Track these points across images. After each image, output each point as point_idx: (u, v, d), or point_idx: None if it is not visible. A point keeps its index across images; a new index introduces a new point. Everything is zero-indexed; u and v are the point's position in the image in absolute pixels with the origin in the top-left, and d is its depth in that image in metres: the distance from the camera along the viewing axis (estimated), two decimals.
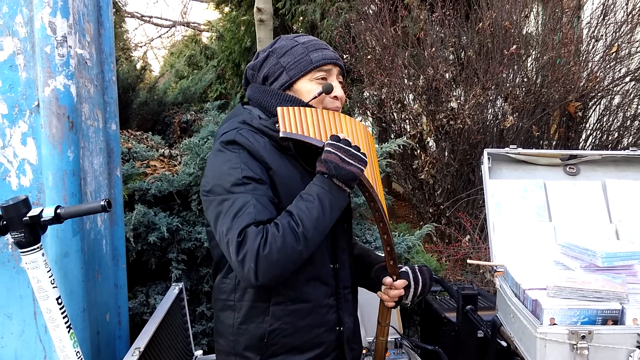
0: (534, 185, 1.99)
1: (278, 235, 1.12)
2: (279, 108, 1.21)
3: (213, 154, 1.27)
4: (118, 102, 1.72)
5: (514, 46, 4.17)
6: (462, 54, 4.67)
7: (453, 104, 4.29)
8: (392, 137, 4.90)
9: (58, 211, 1.24)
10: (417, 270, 1.42)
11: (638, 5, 4.16)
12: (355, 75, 5.26)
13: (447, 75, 4.54)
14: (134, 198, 2.41)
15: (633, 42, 4.24)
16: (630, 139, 4.47)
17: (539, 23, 4.62)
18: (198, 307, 2.49)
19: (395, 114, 4.92)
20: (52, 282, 1.28)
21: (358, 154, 1.20)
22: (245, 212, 1.15)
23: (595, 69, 4.28)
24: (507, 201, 1.96)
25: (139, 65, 5.84)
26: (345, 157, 1.18)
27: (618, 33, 4.20)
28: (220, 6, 7.78)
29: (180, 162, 2.93)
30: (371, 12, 4.98)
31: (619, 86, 4.37)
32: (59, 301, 1.29)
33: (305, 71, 1.30)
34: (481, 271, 3.77)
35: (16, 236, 1.24)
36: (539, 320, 1.35)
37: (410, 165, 4.89)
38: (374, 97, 5.11)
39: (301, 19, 6.17)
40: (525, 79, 4.47)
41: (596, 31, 4.27)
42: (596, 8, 4.30)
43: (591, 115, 4.55)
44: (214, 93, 7.21)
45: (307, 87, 1.31)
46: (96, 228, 1.56)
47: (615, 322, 1.33)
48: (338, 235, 1.35)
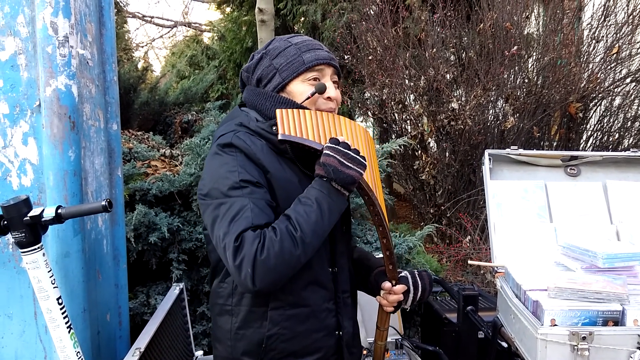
0: (535, 186, 1.99)
1: (276, 239, 1.10)
2: (278, 110, 1.19)
3: (210, 157, 1.25)
4: (119, 102, 1.71)
5: (515, 47, 4.17)
6: (463, 55, 4.67)
7: (454, 105, 4.29)
8: (393, 138, 4.90)
9: (59, 211, 1.24)
10: (417, 275, 1.40)
11: (639, 6, 4.16)
12: (356, 75, 5.27)
13: (448, 76, 4.54)
14: (135, 198, 2.41)
15: (634, 44, 4.25)
16: (630, 140, 4.48)
17: (540, 24, 4.62)
18: (199, 308, 2.49)
19: (396, 115, 4.92)
20: (53, 282, 1.28)
21: (357, 158, 1.18)
22: (242, 216, 1.13)
23: (596, 70, 4.28)
24: (508, 202, 1.96)
25: (141, 65, 5.85)
26: (344, 161, 1.16)
27: (619, 34, 4.21)
28: (221, 6, 7.79)
29: (181, 163, 2.93)
30: (372, 13, 4.98)
31: (620, 87, 4.38)
32: (60, 301, 1.29)
33: (297, 72, 1.28)
34: (482, 272, 3.77)
35: (17, 236, 1.23)
36: (540, 321, 1.35)
37: (411, 165, 4.89)
38: (375, 98, 5.11)
39: (302, 20, 6.18)
40: (526, 80, 4.48)
41: (597, 32, 4.28)
42: (597, 9, 4.30)
43: (592, 116, 4.56)
44: (215, 93, 7.22)
45: (300, 89, 1.28)
46: (97, 228, 1.56)
47: (616, 323, 1.33)
48: (337, 238, 1.33)
